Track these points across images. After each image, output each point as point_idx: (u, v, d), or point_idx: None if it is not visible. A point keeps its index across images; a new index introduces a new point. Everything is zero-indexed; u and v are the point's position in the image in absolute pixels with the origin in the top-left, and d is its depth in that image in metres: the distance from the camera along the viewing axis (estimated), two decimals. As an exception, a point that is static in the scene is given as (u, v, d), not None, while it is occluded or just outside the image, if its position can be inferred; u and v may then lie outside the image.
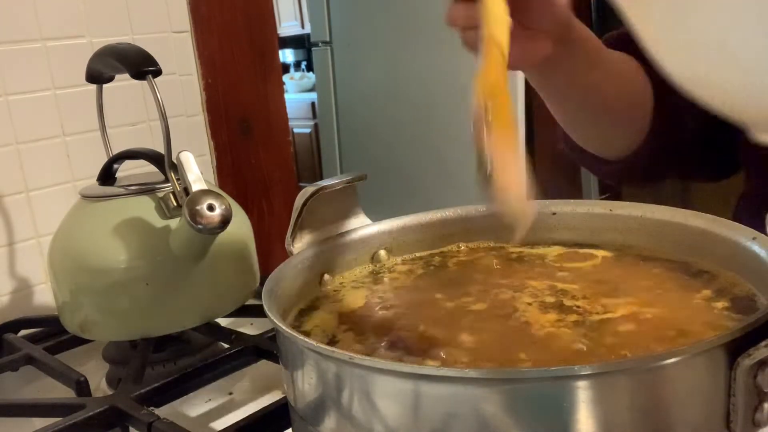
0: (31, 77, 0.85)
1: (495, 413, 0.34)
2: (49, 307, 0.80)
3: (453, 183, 2.31)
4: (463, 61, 2.39)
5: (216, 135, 1.05)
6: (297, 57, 4.65)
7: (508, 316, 0.47)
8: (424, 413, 0.35)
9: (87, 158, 0.88)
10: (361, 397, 0.37)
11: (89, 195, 0.70)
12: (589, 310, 0.46)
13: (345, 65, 2.61)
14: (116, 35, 0.92)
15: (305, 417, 0.42)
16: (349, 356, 0.37)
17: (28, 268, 0.86)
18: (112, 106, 0.81)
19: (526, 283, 0.52)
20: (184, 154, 0.63)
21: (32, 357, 0.70)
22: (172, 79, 0.99)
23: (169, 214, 0.66)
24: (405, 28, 2.33)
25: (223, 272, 0.69)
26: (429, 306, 0.50)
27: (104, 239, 0.66)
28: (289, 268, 0.52)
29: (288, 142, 1.18)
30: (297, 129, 3.78)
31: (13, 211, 0.84)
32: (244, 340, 0.68)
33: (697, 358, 0.34)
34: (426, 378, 0.35)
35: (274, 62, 1.13)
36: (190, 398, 0.64)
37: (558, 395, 0.33)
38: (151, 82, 0.64)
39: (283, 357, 0.44)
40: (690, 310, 0.45)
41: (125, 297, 0.66)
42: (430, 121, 2.32)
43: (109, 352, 0.74)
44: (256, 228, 0.76)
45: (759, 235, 0.46)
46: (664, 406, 0.34)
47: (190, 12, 1.01)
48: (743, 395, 0.34)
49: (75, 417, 0.56)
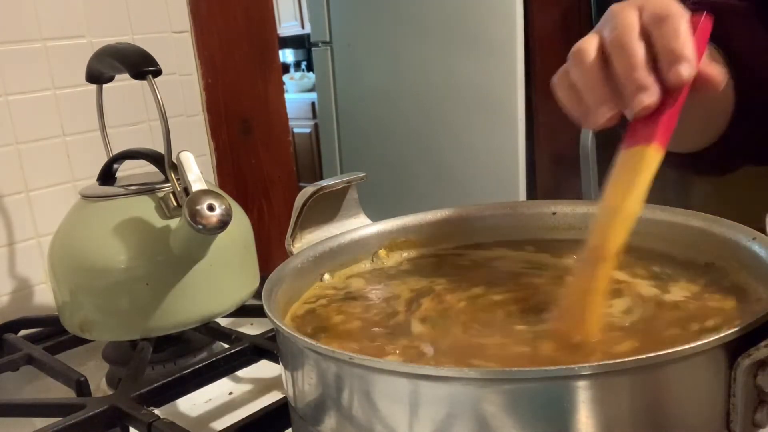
0: (31, 77, 0.85)
1: (495, 413, 0.34)
2: (49, 307, 0.80)
3: (453, 183, 2.31)
4: (462, 61, 2.39)
5: (216, 135, 1.05)
6: (297, 57, 4.65)
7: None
8: (424, 413, 0.35)
9: (87, 158, 0.88)
10: (361, 397, 0.37)
11: (89, 195, 0.70)
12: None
13: (345, 65, 2.61)
14: (116, 35, 0.92)
15: (305, 417, 0.42)
16: (349, 356, 0.37)
17: (28, 268, 0.86)
18: (112, 106, 0.81)
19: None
20: (184, 154, 0.63)
21: (32, 357, 0.70)
22: (172, 79, 0.99)
23: (169, 214, 0.66)
24: (405, 28, 2.33)
25: (223, 272, 0.69)
26: (428, 304, 0.50)
27: (104, 239, 0.66)
28: (289, 268, 0.52)
29: (288, 142, 1.18)
30: (297, 129, 3.78)
31: (13, 211, 0.84)
32: (244, 340, 0.68)
33: (697, 358, 0.34)
34: (426, 378, 0.35)
35: (274, 62, 1.13)
36: (190, 398, 0.64)
37: (558, 395, 0.33)
38: (151, 82, 0.64)
39: (283, 357, 0.44)
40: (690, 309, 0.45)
41: (125, 297, 0.66)
42: (430, 121, 2.32)
43: (109, 352, 0.74)
44: (256, 228, 0.76)
45: (759, 235, 0.46)
46: (664, 406, 0.34)
47: (190, 12, 1.01)
48: (743, 395, 0.34)
49: (75, 417, 0.56)
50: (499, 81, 2.11)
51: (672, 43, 0.43)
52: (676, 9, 0.44)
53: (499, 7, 2.07)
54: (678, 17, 0.44)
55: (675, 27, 0.43)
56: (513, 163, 2.15)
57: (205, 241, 0.64)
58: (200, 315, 0.69)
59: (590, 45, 0.45)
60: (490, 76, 2.12)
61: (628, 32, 0.44)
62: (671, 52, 0.43)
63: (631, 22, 0.45)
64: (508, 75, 2.09)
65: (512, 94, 2.10)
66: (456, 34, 2.16)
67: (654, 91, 0.43)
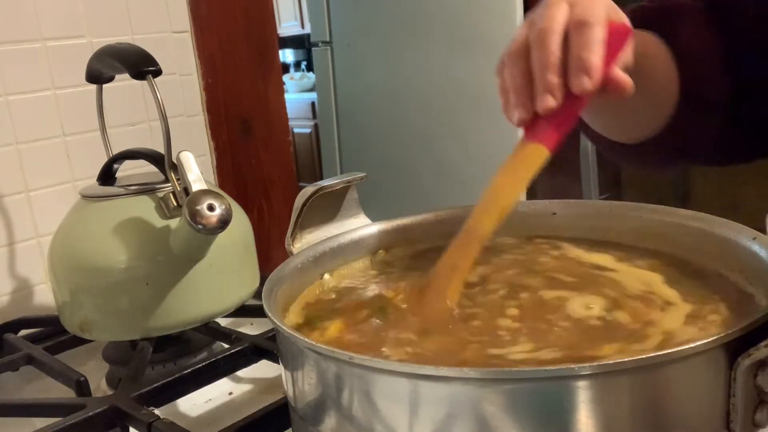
0: (31, 77, 0.85)
1: (495, 413, 0.34)
2: (49, 307, 0.80)
3: (453, 183, 2.31)
4: (462, 61, 2.38)
5: (216, 135, 1.05)
6: (297, 57, 4.65)
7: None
8: (424, 413, 0.35)
9: (87, 158, 0.88)
10: (361, 397, 0.37)
11: (89, 195, 0.70)
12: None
13: (345, 65, 2.60)
14: (116, 35, 0.92)
15: (305, 417, 0.42)
16: (349, 356, 0.37)
17: (28, 268, 0.86)
18: (112, 106, 0.81)
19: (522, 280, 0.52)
20: (184, 154, 0.63)
21: (32, 357, 0.70)
22: (172, 79, 0.99)
23: (169, 214, 0.66)
24: (405, 28, 2.33)
25: (223, 272, 0.69)
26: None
27: (104, 239, 0.66)
28: (289, 268, 0.52)
29: (288, 142, 1.18)
30: (297, 129, 3.78)
31: (13, 211, 0.84)
32: (244, 340, 0.68)
33: (697, 358, 0.34)
34: (426, 378, 0.35)
35: (274, 62, 1.13)
36: (190, 398, 0.64)
37: (558, 395, 0.33)
38: (151, 82, 0.64)
39: (283, 357, 0.44)
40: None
41: (125, 297, 0.66)
42: (430, 121, 2.32)
43: (109, 352, 0.74)
44: (256, 228, 0.76)
45: (759, 235, 0.46)
46: (664, 406, 0.34)
47: (190, 12, 1.01)
48: (743, 395, 0.34)
49: (75, 417, 0.56)
50: (499, 81, 2.11)
51: (582, 51, 0.45)
52: (598, 16, 0.45)
53: (499, 6, 2.06)
54: (595, 26, 0.45)
55: (590, 35, 0.45)
56: (513, 163, 2.15)
57: (205, 241, 0.64)
58: (200, 315, 0.69)
59: (521, 37, 0.48)
60: (490, 75, 2.10)
61: (550, 31, 0.45)
62: (579, 59, 0.45)
63: (557, 20, 0.46)
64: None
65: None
66: (456, 34, 2.16)
67: (559, 95, 0.45)
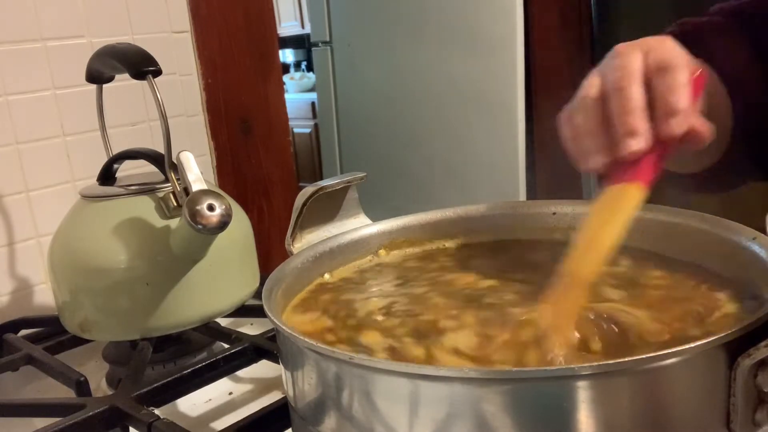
0: (31, 77, 0.85)
1: (495, 413, 0.34)
2: (49, 307, 0.80)
3: (453, 183, 2.31)
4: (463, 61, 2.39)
5: (216, 135, 1.05)
6: (297, 57, 4.65)
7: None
8: (424, 413, 0.35)
9: (87, 158, 0.88)
10: (361, 397, 0.37)
11: (89, 195, 0.70)
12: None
13: (345, 65, 2.60)
14: (116, 35, 0.92)
15: (305, 417, 0.42)
16: (349, 356, 0.37)
17: (28, 268, 0.86)
18: (112, 106, 0.81)
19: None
20: (184, 154, 0.63)
21: (32, 357, 0.70)
22: (172, 79, 0.99)
23: (169, 214, 0.66)
24: (405, 28, 2.33)
25: (223, 272, 0.69)
26: (427, 302, 0.50)
27: (104, 239, 0.66)
28: (289, 268, 0.52)
29: (288, 142, 1.18)
30: (297, 129, 3.78)
31: (13, 211, 0.84)
32: (244, 340, 0.68)
33: (697, 358, 0.34)
34: (426, 378, 0.35)
35: (274, 62, 1.13)
36: (190, 398, 0.64)
37: (558, 395, 0.33)
38: (151, 82, 0.64)
39: (283, 357, 0.44)
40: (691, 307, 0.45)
41: (125, 297, 0.66)
42: (430, 121, 2.32)
43: (109, 352, 0.74)
44: (256, 228, 0.76)
45: (759, 234, 0.46)
46: (664, 406, 0.34)
47: (190, 12, 1.01)
48: (743, 395, 0.34)
49: (75, 417, 0.56)
50: (499, 80, 2.11)
51: (670, 95, 0.44)
52: (680, 60, 0.45)
53: (499, 6, 2.07)
54: (680, 69, 0.44)
55: (675, 79, 0.44)
56: (513, 163, 2.15)
57: (205, 241, 0.64)
58: (200, 315, 0.69)
59: (593, 87, 0.46)
60: (490, 75, 2.12)
61: (628, 76, 0.45)
62: (668, 104, 0.44)
63: (634, 67, 0.45)
64: (508, 74, 2.09)
65: (512, 93, 2.10)
66: (456, 34, 2.16)
67: (643, 138, 0.43)
